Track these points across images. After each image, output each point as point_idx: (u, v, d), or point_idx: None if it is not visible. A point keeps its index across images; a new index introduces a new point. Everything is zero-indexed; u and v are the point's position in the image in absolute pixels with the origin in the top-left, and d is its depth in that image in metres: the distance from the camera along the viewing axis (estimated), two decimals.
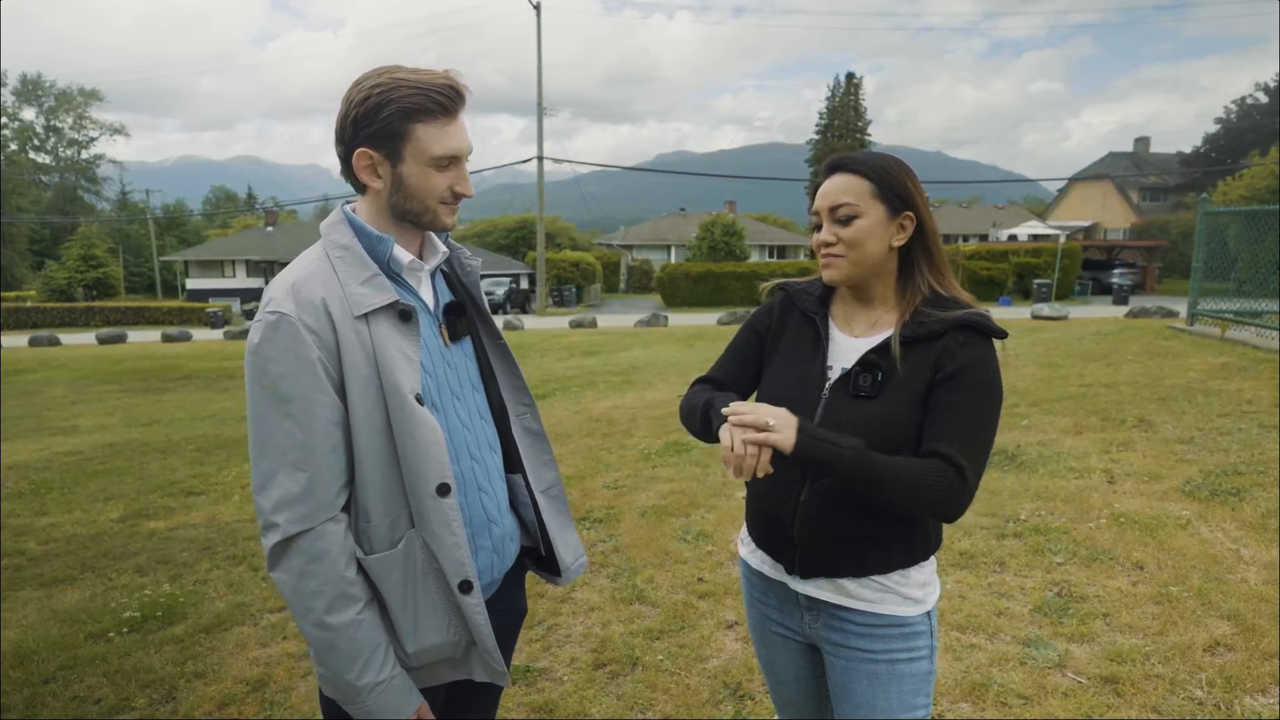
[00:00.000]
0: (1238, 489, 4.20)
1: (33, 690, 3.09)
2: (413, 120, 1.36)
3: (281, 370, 1.32)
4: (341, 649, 1.36)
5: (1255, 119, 46.78)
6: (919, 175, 1.51)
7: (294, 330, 1.31)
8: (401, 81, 1.36)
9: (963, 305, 1.45)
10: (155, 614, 3.67)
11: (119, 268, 51.54)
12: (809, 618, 1.58)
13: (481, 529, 1.53)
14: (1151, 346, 8.57)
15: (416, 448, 1.37)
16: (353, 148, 1.40)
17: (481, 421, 1.57)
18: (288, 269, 1.43)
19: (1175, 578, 3.34)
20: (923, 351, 1.42)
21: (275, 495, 1.33)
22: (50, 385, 13.71)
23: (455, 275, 1.63)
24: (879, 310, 1.52)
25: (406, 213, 1.44)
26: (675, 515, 4.56)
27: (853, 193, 1.44)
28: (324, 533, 1.34)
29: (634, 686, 2.87)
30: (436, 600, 1.45)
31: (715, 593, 3.54)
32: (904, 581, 1.49)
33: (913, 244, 1.48)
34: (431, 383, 1.46)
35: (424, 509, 1.40)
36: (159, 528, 5.05)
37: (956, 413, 1.38)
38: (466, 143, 1.43)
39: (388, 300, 1.38)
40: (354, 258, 1.40)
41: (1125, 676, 2.67)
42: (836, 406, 1.46)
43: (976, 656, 2.86)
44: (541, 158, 32.15)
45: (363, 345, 1.36)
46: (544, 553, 1.71)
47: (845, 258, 1.46)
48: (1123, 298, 29.07)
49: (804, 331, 1.58)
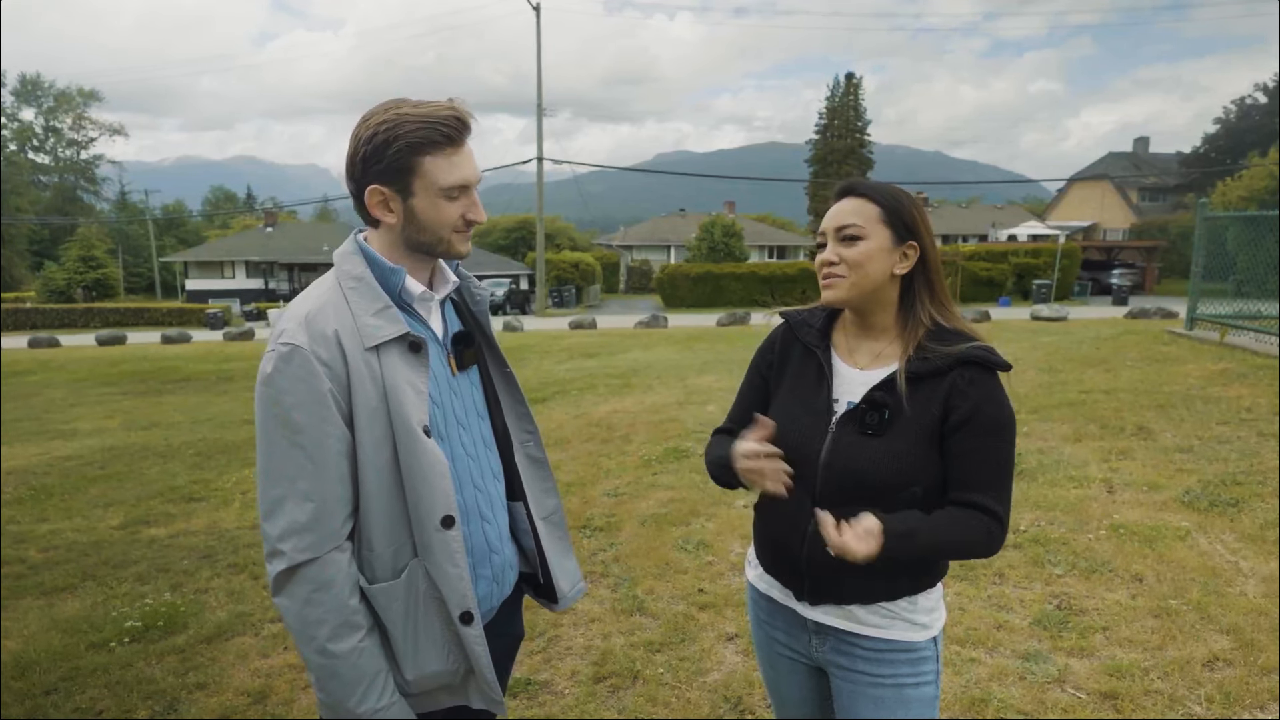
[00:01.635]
0: (1237, 499, 4.21)
1: (34, 702, 3.09)
2: (420, 154, 1.38)
3: (294, 401, 1.33)
4: (343, 676, 1.38)
5: (1254, 119, 46.79)
6: (919, 175, 1.52)
7: (307, 362, 1.33)
8: (407, 117, 1.37)
9: (965, 337, 1.47)
10: (156, 623, 3.67)
11: (118, 268, 51.55)
12: (816, 641, 1.59)
13: (483, 558, 1.54)
14: (1150, 351, 8.58)
15: (423, 480, 1.39)
16: (364, 185, 1.41)
17: (486, 450, 1.59)
18: (301, 297, 1.45)
19: (1174, 590, 3.35)
20: (929, 388, 1.44)
21: (282, 523, 1.34)
22: (49, 387, 13.70)
23: (464, 304, 1.64)
24: (882, 341, 1.54)
25: (420, 244, 1.46)
26: (676, 524, 4.57)
27: (860, 215, 1.46)
28: (329, 562, 1.36)
29: (635, 700, 2.88)
30: (437, 629, 1.46)
31: (716, 604, 3.55)
32: (911, 608, 1.51)
33: (915, 274, 1.49)
34: (439, 412, 1.48)
35: (428, 540, 1.41)
36: (160, 534, 5.06)
37: (980, 459, 1.43)
38: (475, 171, 1.45)
39: (399, 332, 1.40)
40: (367, 288, 1.42)
41: (1124, 692, 2.68)
42: (844, 442, 1.48)
43: (976, 671, 2.87)
44: (541, 158, 32.16)
45: (373, 377, 1.37)
46: (542, 580, 1.73)
47: (846, 278, 1.47)
48: (1122, 298, 29.10)
49: (807, 364, 1.60)
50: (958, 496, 1.44)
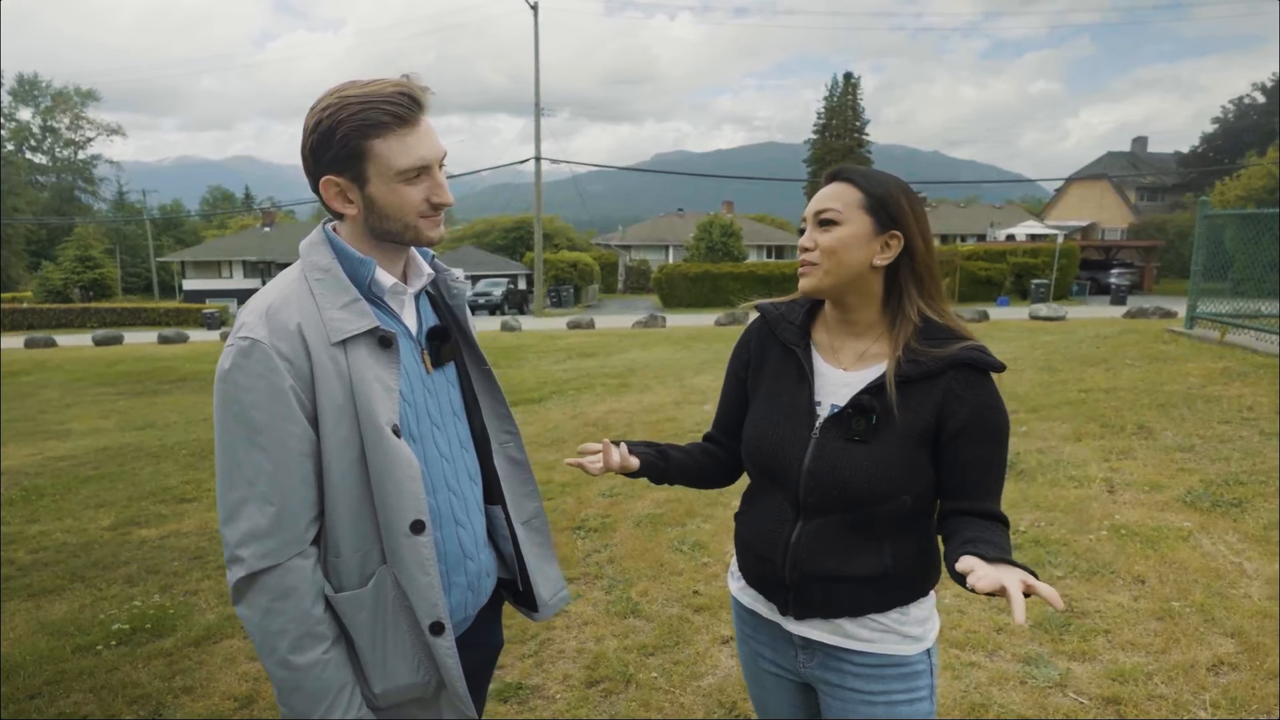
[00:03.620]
0: (1239, 500, 4.16)
1: (18, 706, 3.04)
2: (368, 137, 1.29)
3: (253, 399, 1.26)
4: (306, 689, 1.31)
5: (1253, 119, 46.79)
6: (917, 175, 1.46)
7: (266, 357, 1.26)
8: (349, 99, 1.28)
9: (956, 335, 1.39)
10: (144, 626, 3.62)
11: (115, 268, 51.46)
12: (804, 657, 1.51)
13: (457, 565, 1.47)
14: (1150, 350, 8.53)
15: (391, 482, 1.31)
16: (318, 177, 1.33)
17: (462, 451, 1.51)
18: (263, 290, 1.37)
19: (1177, 592, 3.30)
20: (921, 392, 1.36)
21: (242, 528, 1.27)
22: (45, 387, 13.63)
23: (441, 298, 1.56)
24: (866, 339, 1.45)
25: (386, 233, 1.38)
26: (671, 525, 4.52)
27: (840, 200, 1.38)
28: (291, 569, 1.29)
29: (628, 705, 2.82)
30: (406, 640, 1.39)
31: (710, 606, 3.50)
32: (903, 620, 1.43)
33: (900, 267, 1.40)
34: (411, 412, 1.40)
35: (397, 546, 1.34)
36: (150, 536, 5.00)
37: (984, 466, 1.37)
38: (434, 149, 1.34)
39: (367, 326, 1.32)
40: (333, 280, 1.34)
41: (1128, 697, 2.63)
42: (829, 449, 1.40)
43: (976, 675, 2.82)
44: (539, 158, 32.11)
45: (339, 373, 1.30)
46: (522, 587, 1.65)
47: (820, 265, 1.39)
48: (1120, 298, 29.07)
49: (786, 364, 1.51)
50: (971, 507, 1.36)
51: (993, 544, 1.25)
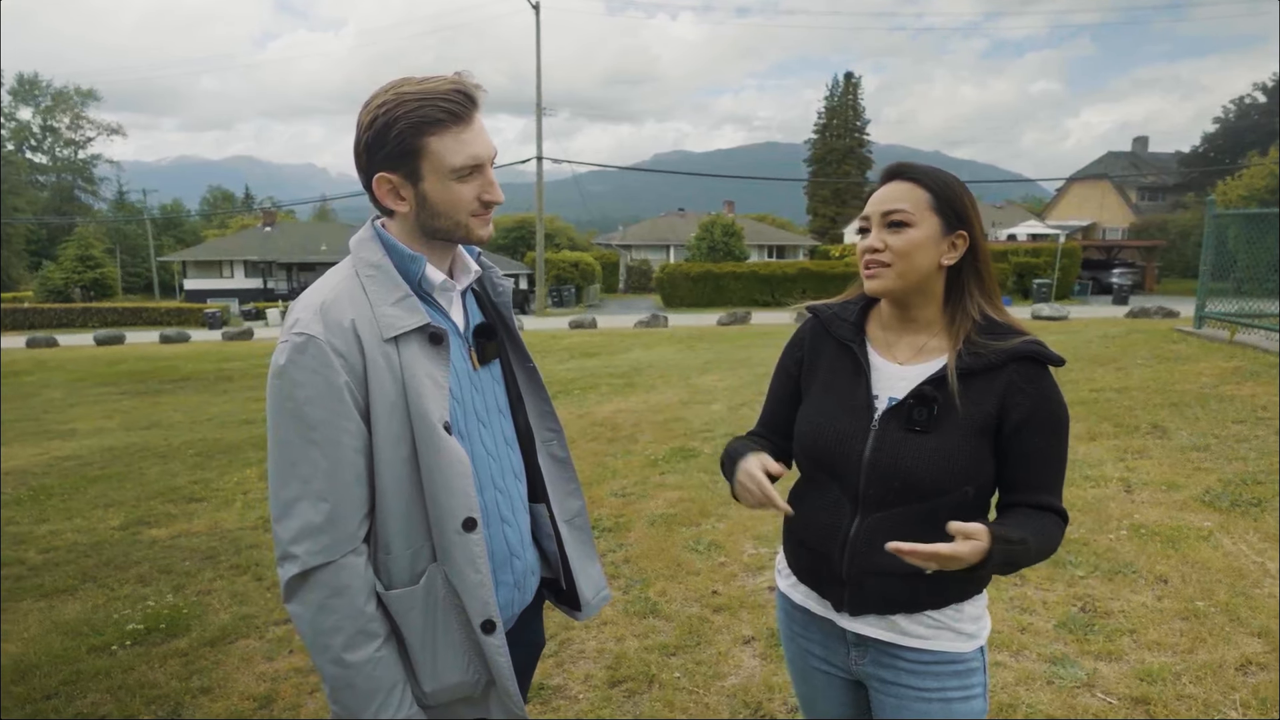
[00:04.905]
0: (1258, 499, 4.14)
1: (35, 706, 3.02)
2: (424, 134, 1.28)
3: (308, 395, 1.25)
4: (359, 687, 1.30)
5: (1254, 119, 46.78)
6: None
7: (322, 354, 1.25)
8: (406, 96, 1.28)
9: (1015, 331, 1.39)
10: (159, 626, 3.60)
11: (116, 268, 51.41)
12: (856, 654, 1.50)
13: (504, 564, 1.46)
14: (1160, 350, 8.51)
15: (443, 479, 1.30)
16: (371, 174, 1.33)
17: (507, 448, 1.50)
18: (315, 287, 1.36)
19: (1201, 592, 3.28)
20: (983, 384, 1.36)
21: (295, 525, 1.26)
22: (47, 387, 13.61)
23: (486, 295, 1.55)
24: (924, 335, 1.44)
25: (437, 231, 1.37)
26: (685, 524, 4.50)
27: (909, 201, 1.36)
28: (344, 566, 1.28)
29: (651, 705, 2.80)
30: (457, 639, 1.38)
31: (730, 606, 3.47)
32: (958, 617, 1.42)
33: (964, 265, 1.40)
34: (459, 409, 1.39)
35: (448, 544, 1.33)
36: (160, 535, 4.98)
37: (1045, 458, 1.37)
38: (487, 147, 1.34)
39: (419, 323, 1.31)
40: (385, 277, 1.33)
41: (1156, 697, 2.60)
42: (889, 439, 1.39)
43: (1003, 675, 2.79)
44: (540, 158, 32.08)
45: (391, 370, 1.29)
46: (564, 586, 1.64)
47: (892, 267, 1.37)
48: (1122, 297, 29.08)
49: (842, 359, 1.50)
50: (1027, 499, 1.37)
51: (1017, 526, 1.28)
